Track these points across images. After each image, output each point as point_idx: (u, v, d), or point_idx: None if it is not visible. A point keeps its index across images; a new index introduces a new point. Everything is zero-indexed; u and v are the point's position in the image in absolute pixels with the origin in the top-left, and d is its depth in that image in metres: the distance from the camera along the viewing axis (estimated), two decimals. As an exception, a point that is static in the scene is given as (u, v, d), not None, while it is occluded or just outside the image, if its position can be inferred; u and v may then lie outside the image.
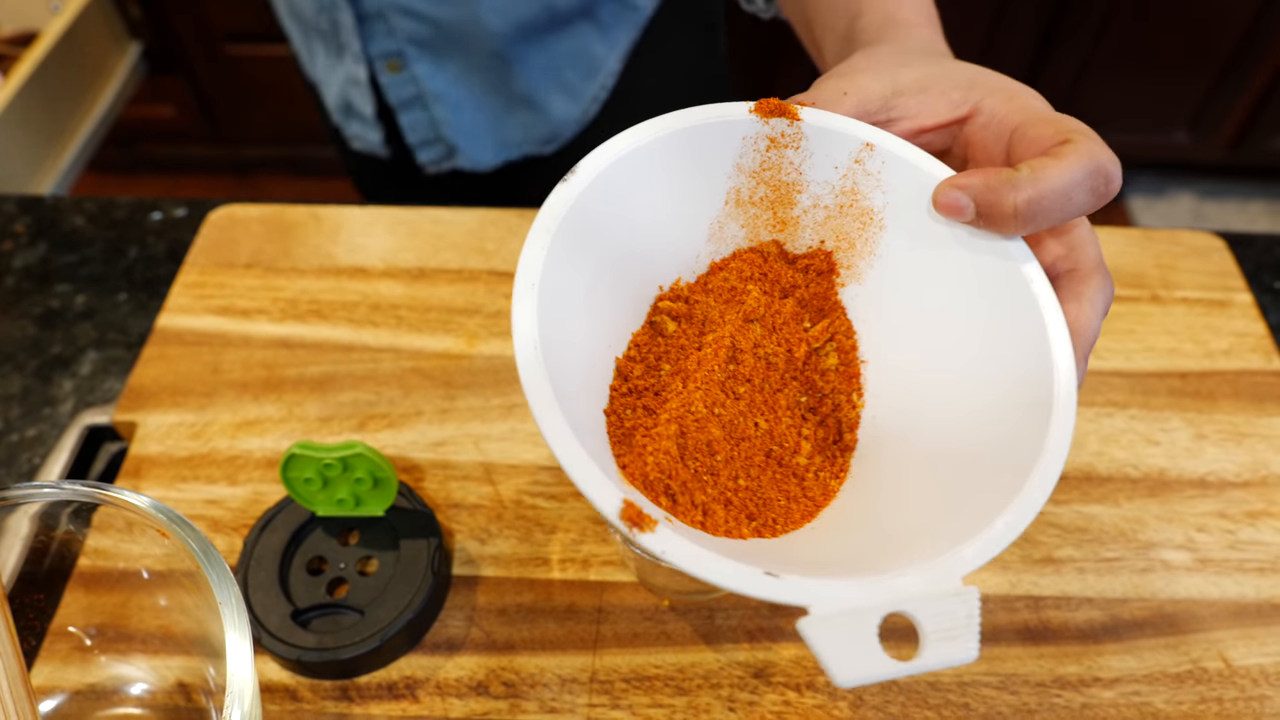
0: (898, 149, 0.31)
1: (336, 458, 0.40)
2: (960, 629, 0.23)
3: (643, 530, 0.23)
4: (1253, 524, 0.46)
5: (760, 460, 0.31)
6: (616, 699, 0.41)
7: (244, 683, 0.31)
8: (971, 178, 0.30)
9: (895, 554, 0.25)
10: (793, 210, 0.33)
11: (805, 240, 0.34)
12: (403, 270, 0.57)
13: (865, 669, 0.22)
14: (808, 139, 0.31)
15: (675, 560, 0.23)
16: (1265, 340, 0.54)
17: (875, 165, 0.31)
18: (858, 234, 0.33)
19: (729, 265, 0.33)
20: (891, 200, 0.32)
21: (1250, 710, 0.40)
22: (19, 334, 0.56)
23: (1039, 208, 0.29)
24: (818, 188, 0.32)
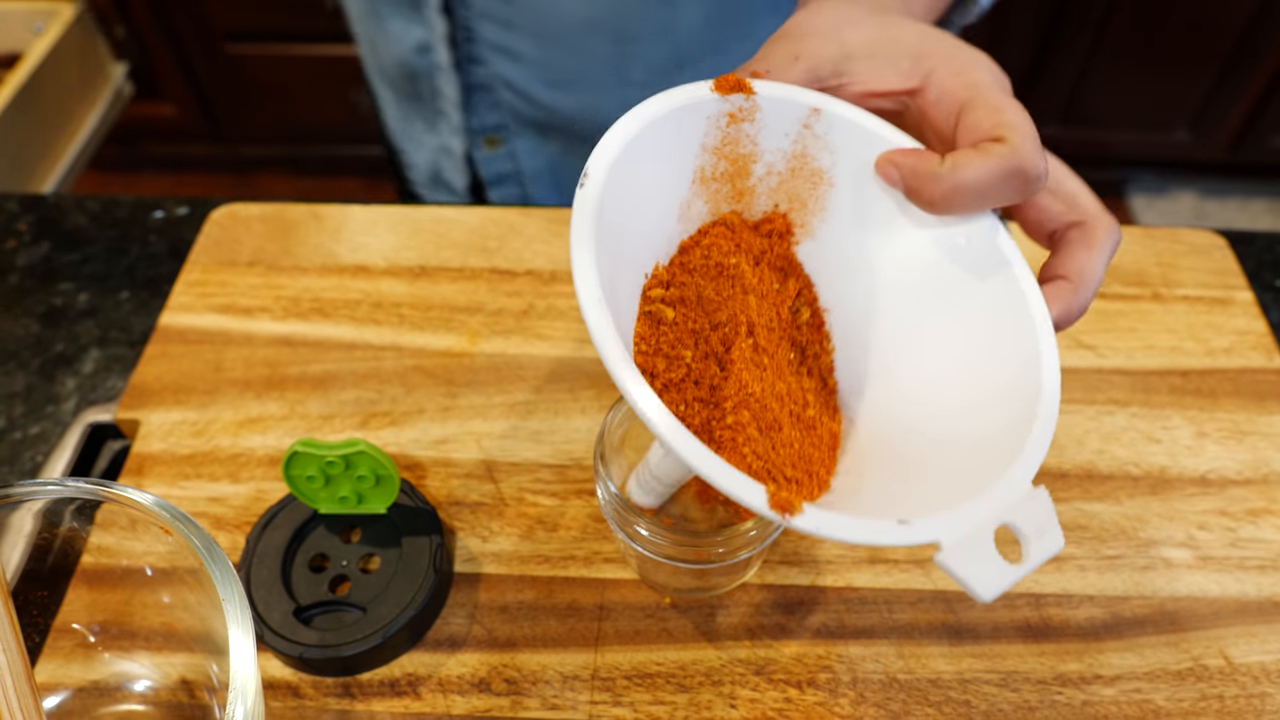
0: (843, 110, 0.33)
1: (339, 455, 0.40)
2: (1047, 524, 0.27)
3: (793, 514, 0.25)
4: (1254, 522, 0.46)
5: (791, 422, 0.32)
6: (618, 696, 0.41)
7: (247, 679, 0.31)
8: (904, 158, 0.32)
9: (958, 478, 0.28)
10: (749, 180, 0.34)
11: (760, 206, 0.35)
12: (404, 268, 0.57)
13: (998, 580, 0.25)
14: (761, 110, 0.32)
15: (829, 534, 0.25)
16: (1266, 338, 0.54)
17: (823, 128, 0.33)
18: (809, 194, 0.34)
19: (701, 243, 0.33)
20: (839, 159, 0.34)
21: (1251, 708, 0.41)
22: (22, 332, 0.56)
23: (955, 200, 0.31)
24: (771, 156, 0.33)
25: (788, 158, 0.33)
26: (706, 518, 0.47)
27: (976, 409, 0.31)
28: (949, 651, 0.42)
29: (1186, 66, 1.57)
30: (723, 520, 0.47)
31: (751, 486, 0.25)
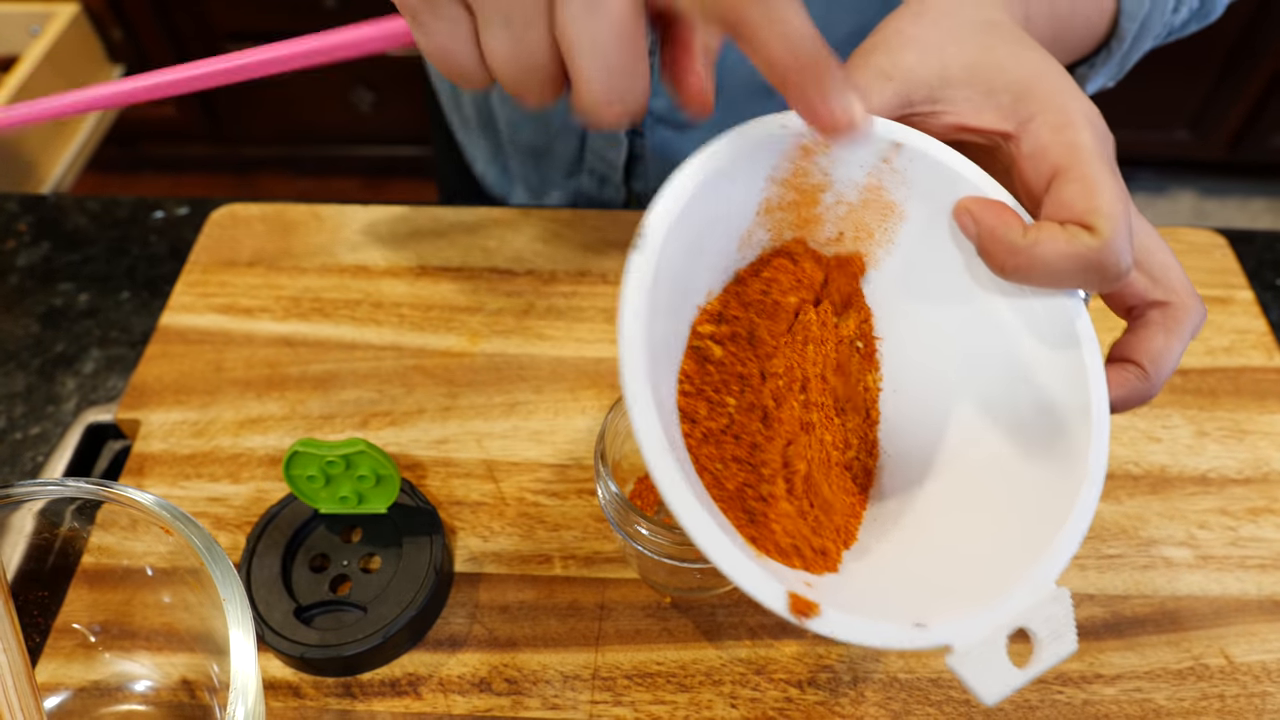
0: (926, 146, 0.31)
1: (339, 455, 0.40)
2: (1063, 627, 0.26)
3: (809, 617, 0.24)
4: (1254, 521, 0.46)
5: (825, 485, 0.31)
6: (619, 696, 0.41)
7: (247, 679, 0.31)
8: (985, 214, 0.30)
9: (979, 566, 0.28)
10: (816, 209, 0.32)
11: (825, 234, 0.33)
12: (405, 268, 0.57)
13: (1004, 684, 0.25)
14: (833, 145, 0.30)
15: (843, 638, 0.25)
16: (1266, 337, 0.54)
17: (902, 163, 0.31)
18: (877, 225, 0.33)
19: (761, 273, 0.32)
20: (914, 194, 0.32)
21: (1252, 707, 0.41)
22: (22, 332, 0.56)
23: (1028, 275, 0.29)
24: (842, 186, 0.32)
25: (860, 189, 0.32)
26: (707, 517, 0.47)
27: (1012, 491, 0.30)
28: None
29: (1186, 66, 1.57)
30: (723, 520, 0.46)
31: (772, 591, 0.24)
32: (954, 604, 0.26)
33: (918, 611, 0.26)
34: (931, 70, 0.31)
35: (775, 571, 0.26)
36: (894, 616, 0.25)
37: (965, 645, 0.25)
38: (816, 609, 0.24)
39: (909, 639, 0.25)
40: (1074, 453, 0.29)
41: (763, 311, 0.31)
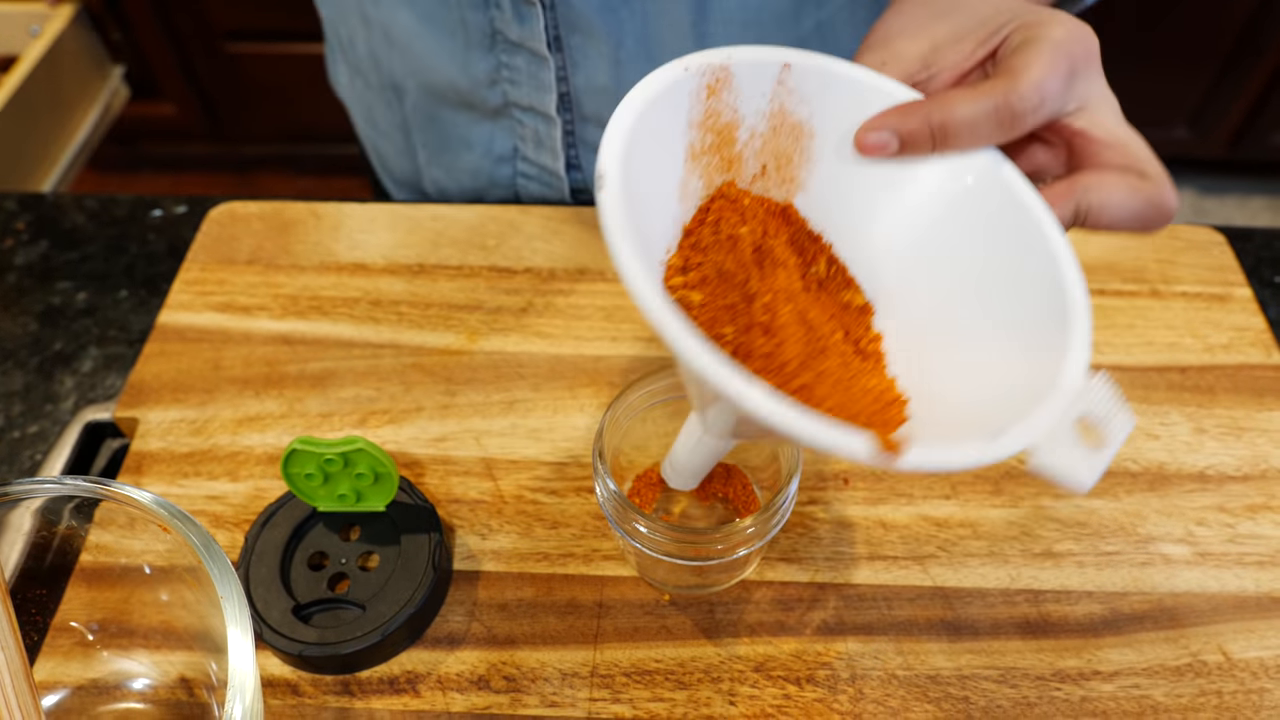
0: (813, 61, 0.33)
1: (337, 453, 0.40)
2: (1116, 406, 0.28)
3: (900, 455, 0.25)
4: (1252, 518, 0.46)
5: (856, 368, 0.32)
6: (617, 693, 0.41)
7: (245, 677, 0.31)
8: (888, 123, 0.33)
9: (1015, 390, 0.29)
10: (735, 147, 0.34)
11: (749, 170, 0.35)
12: (403, 266, 0.57)
13: (1091, 469, 0.27)
14: (735, 76, 0.32)
15: (935, 466, 0.26)
16: (1265, 334, 0.54)
17: (795, 81, 0.33)
18: (793, 148, 0.35)
19: (706, 220, 0.33)
20: (815, 108, 0.34)
21: (1250, 703, 0.41)
22: (20, 331, 0.56)
23: (945, 137, 0.32)
24: (752, 119, 0.34)
25: (767, 117, 0.34)
26: (705, 515, 0.47)
27: (1012, 321, 0.32)
28: (948, 648, 0.42)
29: (1186, 64, 1.57)
30: (721, 517, 0.47)
31: (854, 437, 0.25)
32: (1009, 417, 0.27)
33: (982, 433, 0.27)
34: (922, 45, 0.35)
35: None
36: (965, 441, 0.26)
37: (1040, 443, 0.26)
38: (902, 445, 0.25)
39: (990, 452, 0.26)
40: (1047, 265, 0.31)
41: (721, 248, 0.32)
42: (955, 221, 0.34)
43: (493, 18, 0.55)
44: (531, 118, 0.60)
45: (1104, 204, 0.33)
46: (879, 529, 0.46)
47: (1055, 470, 0.27)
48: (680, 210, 0.33)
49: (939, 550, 0.45)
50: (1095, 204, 0.33)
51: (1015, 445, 0.26)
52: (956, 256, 0.34)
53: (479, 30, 0.56)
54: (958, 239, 0.34)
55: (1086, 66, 0.34)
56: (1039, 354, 0.30)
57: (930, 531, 0.46)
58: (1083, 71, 0.33)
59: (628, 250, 0.26)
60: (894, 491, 0.47)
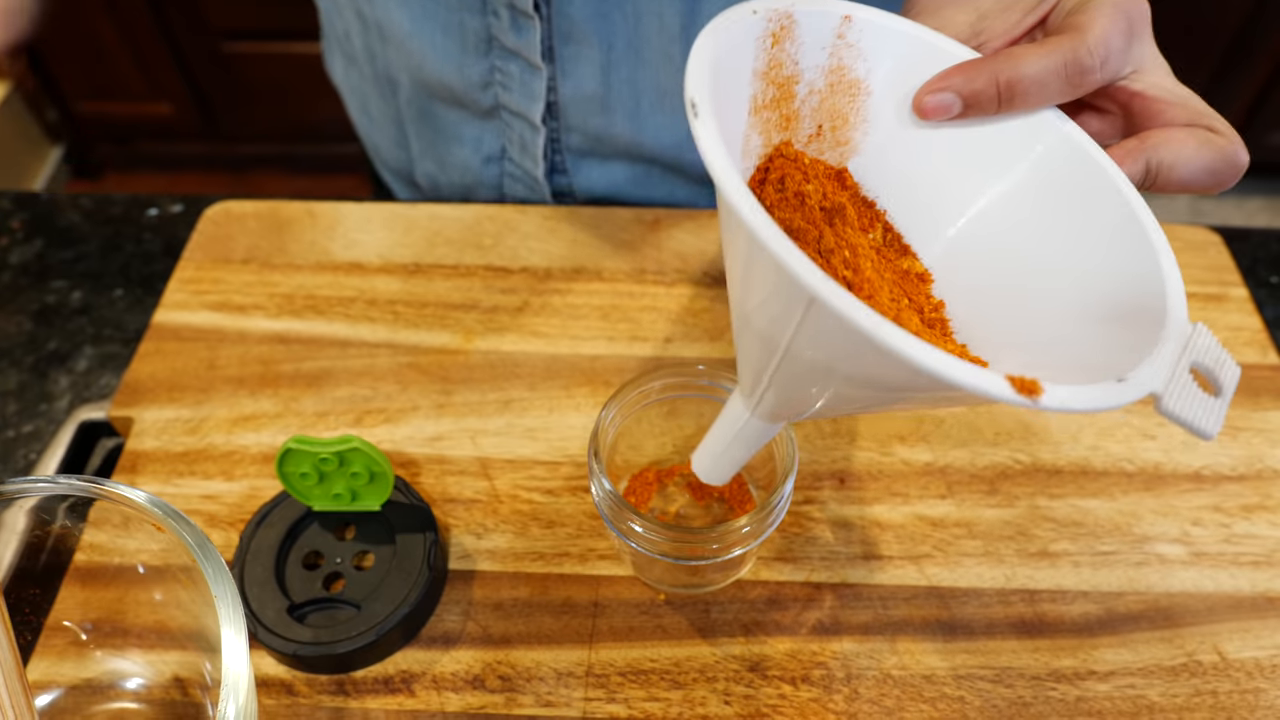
0: (874, 16, 0.33)
1: (333, 452, 0.40)
2: (1221, 354, 0.28)
3: (1036, 396, 0.24)
4: (1248, 518, 0.46)
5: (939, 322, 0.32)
6: (612, 693, 0.41)
7: (239, 677, 0.31)
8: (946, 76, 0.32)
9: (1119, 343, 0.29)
10: (794, 104, 0.33)
11: (805, 130, 0.34)
12: (399, 266, 0.57)
13: (1215, 415, 0.27)
14: (798, 24, 0.31)
15: (1072, 407, 0.25)
16: (1261, 334, 0.54)
17: (855, 35, 0.32)
18: (849, 107, 0.34)
19: (770, 177, 0.32)
20: (873, 65, 0.33)
21: (1245, 703, 0.41)
22: (15, 330, 0.56)
23: (1014, 95, 0.32)
24: (811, 74, 0.33)
25: (825, 73, 0.33)
26: (701, 514, 0.47)
27: (1095, 283, 0.31)
28: (943, 648, 0.42)
29: (1183, 65, 1.56)
30: (717, 517, 0.47)
31: (991, 377, 0.24)
32: (1124, 365, 0.27)
33: (1102, 377, 0.26)
34: (969, 15, 0.35)
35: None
36: (1095, 384, 0.26)
37: (1164, 388, 0.26)
38: (1040, 386, 0.24)
39: (1124, 395, 0.25)
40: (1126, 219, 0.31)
41: (789, 206, 0.31)
42: (1027, 190, 0.33)
43: (490, 24, 0.55)
44: (519, 123, 0.60)
45: (1175, 160, 0.32)
46: (875, 528, 0.46)
47: (1183, 416, 0.26)
48: (744, 166, 0.32)
49: (934, 550, 0.45)
50: (1166, 160, 0.32)
51: (1144, 388, 0.26)
52: (1027, 223, 0.33)
53: (475, 35, 0.56)
54: (1030, 207, 0.33)
55: (1142, 28, 0.33)
56: (1132, 309, 0.29)
57: (926, 531, 0.46)
58: (1139, 33, 0.33)
59: (734, 180, 0.24)
60: (889, 491, 0.47)
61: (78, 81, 1.69)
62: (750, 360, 0.31)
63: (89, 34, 1.60)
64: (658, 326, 0.54)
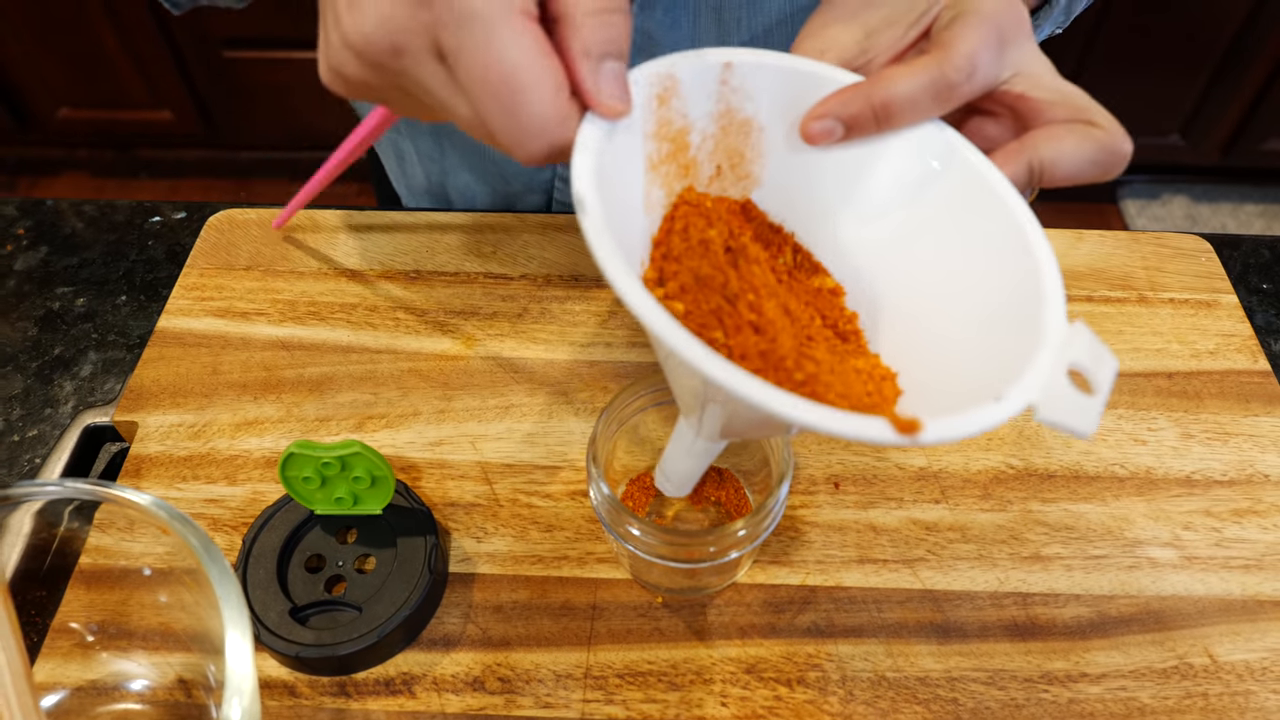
0: (751, 57, 0.34)
1: (335, 456, 0.41)
2: (1100, 350, 0.29)
3: (917, 433, 0.25)
4: (1238, 522, 0.47)
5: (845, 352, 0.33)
6: (610, 694, 0.41)
7: (243, 679, 0.32)
8: (825, 104, 0.33)
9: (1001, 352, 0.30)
10: (689, 153, 0.34)
11: (705, 173, 0.35)
12: (400, 272, 0.58)
13: (1092, 413, 0.28)
14: (682, 81, 0.33)
15: (950, 437, 0.26)
16: (1251, 341, 0.54)
17: (738, 79, 0.34)
18: (744, 144, 0.35)
19: (675, 228, 0.33)
20: (760, 104, 0.34)
21: (1235, 705, 0.41)
22: (20, 336, 0.57)
23: (888, 115, 0.33)
24: (702, 122, 0.34)
25: (715, 118, 0.34)
26: (698, 518, 0.47)
27: (983, 289, 0.32)
28: (937, 650, 0.42)
29: (1178, 72, 1.58)
30: (714, 521, 0.47)
31: (872, 423, 0.25)
32: (1003, 377, 0.28)
33: (983, 397, 0.27)
34: (855, 33, 0.35)
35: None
36: (973, 407, 0.27)
37: (1041, 397, 0.27)
38: (919, 424, 0.26)
39: (1001, 413, 0.27)
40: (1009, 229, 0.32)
41: (694, 254, 0.32)
42: (916, 202, 0.35)
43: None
44: None
45: (1057, 156, 0.33)
46: (869, 532, 0.46)
47: (1060, 421, 0.27)
48: (647, 223, 0.33)
49: (928, 553, 0.46)
50: (1048, 158, 0.33)
51: (1020, 403, 0.27)
52: (920, 234, 0.34)
53: None
54: (921, 218, 0.35)
55: (1016, 34, 0.34)
56: (1015, 316, 0.31)
57: (920, 535, 0.46)
58: (1013, 39, 0.34)
59: (621, 270, 0.26)
60: (884, 495, 0.48)
61: (79, 89, 1.69)
62: (682, 397, 0.34)
63: (91, 42, 1.61)
64: (656, 333, 0.54)
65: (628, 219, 0.32)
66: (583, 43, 0.28)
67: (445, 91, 0.29)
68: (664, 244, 0.33)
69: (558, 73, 0.28)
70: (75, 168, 1.92)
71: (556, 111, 0.28)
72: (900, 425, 0.26)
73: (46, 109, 1.75)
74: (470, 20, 0.27)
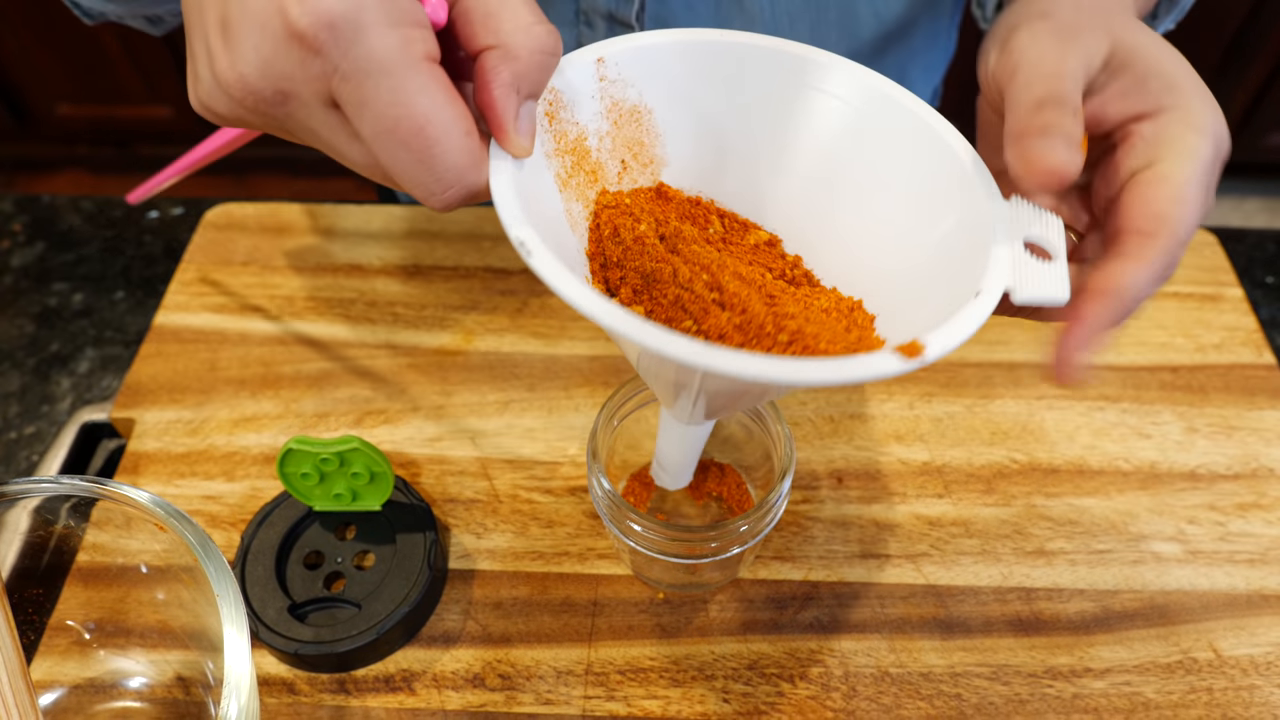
0: (618, 45, 0.33)
1: (333, 453, 0.40)
2: (1040, 217, 0.30)
3: (921, 353, 0.26)
4: (1243, 516, 0.47)
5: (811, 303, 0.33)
6: (611, 691, 0.41)
7: (241, 676, 0.31)
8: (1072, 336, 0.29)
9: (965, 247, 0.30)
10: (592, 157, 0.34)
11: (613, 170, 0.35)
12: (398, 267, 0.57)
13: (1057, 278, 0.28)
14: (563, 91, 0.32)
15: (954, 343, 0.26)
16: (1256, 334, 0.54)
17: (613, 71, 0.33)
18: (639, 131, 0.35)
19: (604, 236, 0.33)
20: (641, 87, 0.34)
21: (1239, 699, 0.41)
22: (17, 332, 0.56)
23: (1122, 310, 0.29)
24: (593, 123, 0.33)
25: (604, 115, 0.34)
26: (700, 513, 0.47)
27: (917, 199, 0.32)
28: (940, 645, 0.42)
29: (1180, 66, 1.57)
30: (715, 516, 0.47)
31: (879, 359, 0.25)
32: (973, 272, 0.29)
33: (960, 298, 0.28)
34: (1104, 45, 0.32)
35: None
36: (958, 310, 0.27)
37: (1012, 280, 0.28)
38: (920, 345, 0.26)
39: (986, 305, 0.27)
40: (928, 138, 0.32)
41: (634, 254, 0.32)
42: (838, 134, 0.34)
43: (580, 35, 0.55)
44: None
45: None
46: (872, 527, 0.46)
47: (1036, 296, 0.28)
48: (575, 238, 0.33)
49: (932, 549, 0.45)
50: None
51: (998, 289, 0.27)
52: (845, 165, 0.34)
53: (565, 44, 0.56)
54: (841, 151, 0.34)
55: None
56: (954, 211, 0.31)
57: (923, 530, 0.46)
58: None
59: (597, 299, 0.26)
60: (887, 490, 0.47)
61: (77, 86, 1.69)
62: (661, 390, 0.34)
63: (90, 38, 1.60)
64: (656, 327, 0.54)
65: (562, 244, 0.31)
66: (516, 77, 0.27)
67: (338, 138, 0.28)
68: (599, 254, 0.33)
69: (466, 116, 0.27)
70: (74, 165, 1.92)
71: (469, 157, 0.27)
72: (906, 351, 0.25)
73: (45, 106, 1.75)
74: (372, 72, 0.25)
